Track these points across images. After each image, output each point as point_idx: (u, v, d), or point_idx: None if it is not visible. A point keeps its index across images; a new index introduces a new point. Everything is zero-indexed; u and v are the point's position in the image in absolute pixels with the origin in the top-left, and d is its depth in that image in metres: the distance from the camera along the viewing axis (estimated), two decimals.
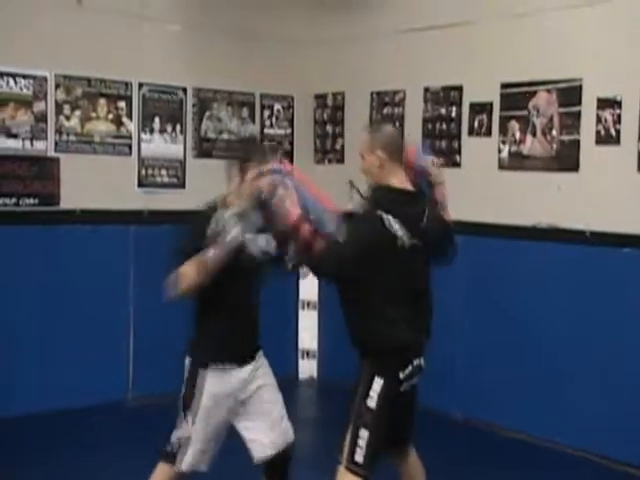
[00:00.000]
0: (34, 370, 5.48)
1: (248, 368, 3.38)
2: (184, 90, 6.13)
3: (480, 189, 5.57)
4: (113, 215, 5.78)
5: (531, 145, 5.31)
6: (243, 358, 3.37)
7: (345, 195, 3.56)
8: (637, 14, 4.81)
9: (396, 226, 3.12)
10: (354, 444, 3.13)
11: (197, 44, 6.16)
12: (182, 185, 6.14)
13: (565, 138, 5.14)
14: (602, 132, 4.95)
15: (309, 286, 6.49)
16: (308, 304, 6.63)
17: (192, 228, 3.30)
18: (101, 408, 5.56)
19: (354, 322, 3.25)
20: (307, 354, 6.61)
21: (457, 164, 5.73)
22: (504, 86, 5.45)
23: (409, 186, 3.29)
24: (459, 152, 5.73)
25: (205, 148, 6.26)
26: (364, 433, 3.13)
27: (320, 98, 6.71)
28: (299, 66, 6.59)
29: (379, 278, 3.14)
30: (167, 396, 5.72)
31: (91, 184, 5.69)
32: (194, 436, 3.34)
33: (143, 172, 5.96)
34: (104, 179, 5.75)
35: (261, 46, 6.40)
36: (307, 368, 6.61)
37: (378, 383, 3.15)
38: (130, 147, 5.89)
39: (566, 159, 5.13)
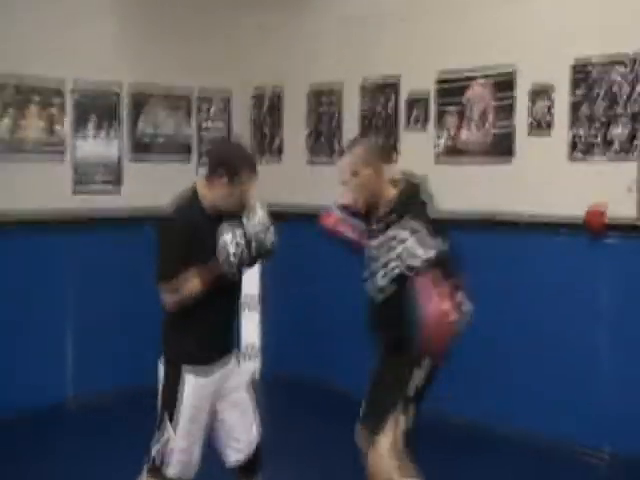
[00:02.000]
0: None
1: (227, 367, 3.34)
2: (119, 87, 6.03)
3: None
4: (48, 219, 5.67)
5: (466, 136, 5.36)
6: (223, 357, 3.32)
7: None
8: (567, 3, 4.89)
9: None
10: (395, 432, 3.22)
11: (132, 40, 6.06)
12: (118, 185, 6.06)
13: (499, 129, 5.20)
14: (533, 122, 5.02)
15: (249, 282, 6.43)
16: (248, 302, 6.55)
17: (178, 231, 3.15)
18: (42, 409, 5.47)
19: (399, 316, 3.16)
20: (250, 350, 6.57)
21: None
22: (439, 82, 5.46)
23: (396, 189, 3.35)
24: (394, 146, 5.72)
25: (142, 148, 6.17)
26: (403, 419, 3.23)
27: (257, 96, 6.64)
28: (237, 59, 6.49)
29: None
30: (107, 394, 5.72)
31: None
32: (179, 442, 3.22)
33: (77, 175, 5.84)
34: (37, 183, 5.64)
35: (196, 41, 6.31)
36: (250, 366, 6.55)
37: (419, 375, 3.24)
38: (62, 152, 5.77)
39: (500, 148, 5.19)
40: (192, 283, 3.14)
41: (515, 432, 5.06)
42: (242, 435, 3.38)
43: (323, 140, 6.22)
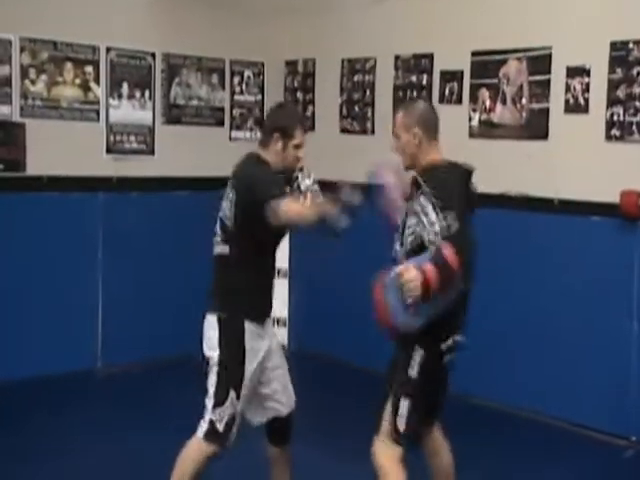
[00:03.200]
0: (1, 338, 5.42)
1: (269, 326, 3.41)
2: (153, 55, 6.05)
3: (451, 157, 5.56)
4: (81, 182, 5.72)
5: (501, 113, 5.32)
6: (268, 316, 3.39)
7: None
8: None
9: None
10: (395, 414, 3.13)
11: (166, 9, 6.08)
12: (151, 152, 6.08)
13: (535, 106, 5.16)
14: (571, 101, 4.97)
15: (280, 254, 6.46)
16: (279, 272, 6.61)
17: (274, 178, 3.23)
18: (70, 376, 5.52)
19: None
20: (278, 322, 6.61)
21: None
22: (475, 54, 5.44)
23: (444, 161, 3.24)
24: None
25: (174, 114, 6.20)
26: (405, 402, 3.12)
27: (291, 65, 6.65)
28: (270, 32, 6.52)
29: None
30: (137, 364, 5.79)
31: (58, 150, 5.61)
32: (238, 409, 3.23)
33: (112, 138, 5.89)
34: (71, 145, 5.68)
35: (231, 12, 6.33)
36: (278, 336, 6.61)
37: (419, 353, 3.12)
38: (98, 113, 5.82)
39: (536, 127, 5.14)
40: (319, 207, 3.12)
41: (539, 416, 5.07)
42: (283, 396, 3.42)
43: (357, 110, 6.20)
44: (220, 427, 3.22)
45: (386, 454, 3.15)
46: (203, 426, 3.26)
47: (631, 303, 4.74)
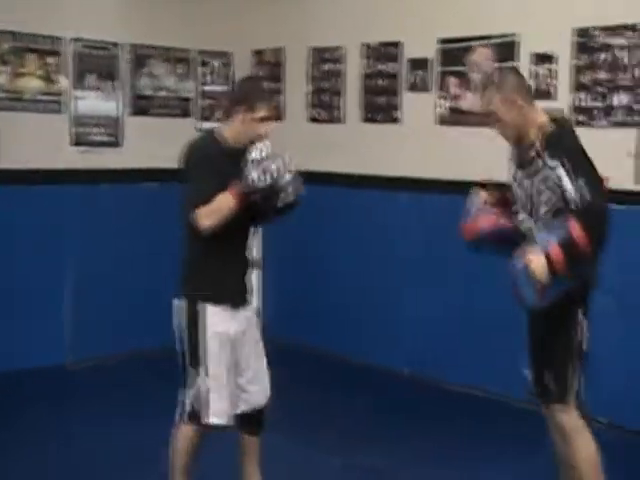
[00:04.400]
0: None
1: (243, 313, 3.38)
2: (119, 46, 5.99)
3: (419, 145, 5.60)
4: (46, 174, 5.66)
5: (469, 100, 5.33)
6: (239, 302, 3.36)
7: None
8: None
9: None
10: (575, 381, 3.20)
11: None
12: (118, 143, 6.03)
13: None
14: (537, 87, 4.99)
15: (252, 245, 6.46)
16: (252, 264, 6.58)
17: (207, 161, 3.24)
18: (39, 371, 5.47)
19: None
20: None
21: (397, 120, 5.74)
22: (442, 42, 5.45)
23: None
24: (399, 108, 5.73)
25: (141, 105, 6.15)
26: (575, 363, 3.20)
27: (259, 54, 6.63)
28: (238, 22, 6.48)
29: None
30: (107, 358, 5.76)
31: (22, 142, 5.55)
32: (214, 386, 3.24)
33: (77, 130, 5.83)
34: (36, 138, 5.61)
35: (199, 2, 6.28)
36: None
37: (581, 317, 3.19)
38: (63, 104, 5.75)
39: None
40: (223, 196, 3.13)
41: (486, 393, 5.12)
42: (257, 387, 3.42)
43: (326, 99, 6.19)
44: (196, 405, 3.26)
45: (574, 417, 3.20)
46: (179, 410, 3.32)
47: (603, 282, 4.77)
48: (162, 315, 5.95)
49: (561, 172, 3.02)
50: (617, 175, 4.63)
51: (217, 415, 3.27)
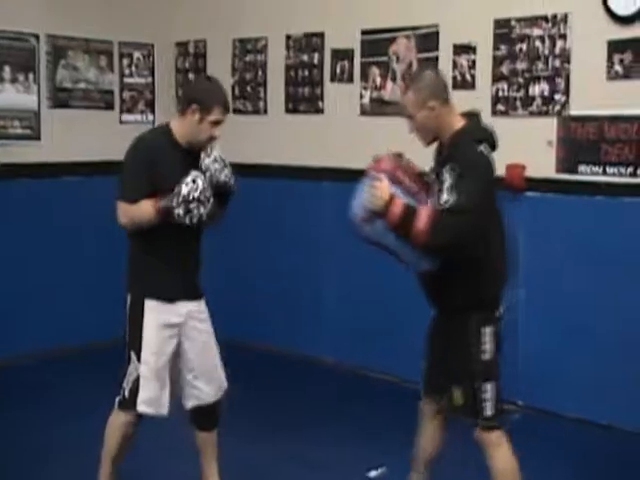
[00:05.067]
0: None
1: (186, 306, 3.36)
2: (37, 37, 5.85)
3: (343, 135, 5.62)
4: None
5: (392, 91, 5.38)
6: (179, 296, 3.34)
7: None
8: None
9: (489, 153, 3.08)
10: (481, 401, 3.08)
11: None
12: (37, 137, 5.89)
13: None
14: (458, 77, 5.07)
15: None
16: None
17: (140, 154, 3.26)
18: None
19: (459, 278, 3.08)
20: None
21: (320, 110, 5.75)
22: (364, 33, 5.48)
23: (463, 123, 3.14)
24: (322, 98, 5.75)
25: (61, 98, 6.02)
26: (488, 386, 3.09)
27: (181, 46, 6.55)
28: (159, 13, 6.41)
29: (490, 222, 3.09)
30: (26, 357, 5.63)
31: None
32: (144, 372, 3.26)
33: None
34: None
35: None
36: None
37: (488, 333, 3.09)
38: None
39: None
40: (146, 205, 3.18)
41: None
42: (205, 383, 3.42)
43: (249, 90, 6.17)
44: (126, 393, 3.30)
45: (491, 437, 3.12)
46: (118, 396, 3.35)
47: (517, 271, 4.90)
48: (83, 310, 5.95)
49: (445, 185, 3.01)
50: (538, 164, 4.76)
51: (145, 403, 3.29)
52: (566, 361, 4.74)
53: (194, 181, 3.15)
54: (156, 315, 3.29)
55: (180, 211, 3.13)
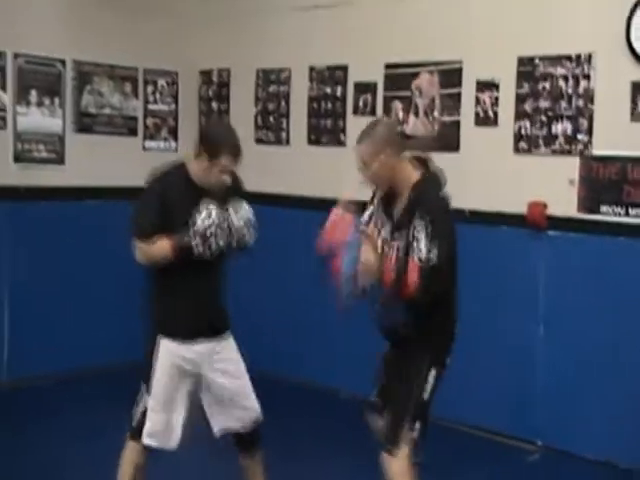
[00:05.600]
0: None
1: (205, 344, 3.38)
2: (63, 62, 5.92)
3: None
4: None
5: (414, 125, 5.40)
6: (196, 335, 3.36)
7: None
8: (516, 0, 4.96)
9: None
10: (408, 437, 3.16)
11: (78, 15, 5.96)
12: (61, 161, 5.94)
13: (446, 119, 5.26)
14: (481, 114, 5.09)
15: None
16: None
17: (155, 191, 3.31)
18: None
19: (422, 318, 3.17)
20: None
21: (342, 143, 5.78)
22: (388, 66, 5.52)
23: (418, 175, 3.20)
24: (344, 131, 5.78)
25: (85, 123, 6.08)
26: (418, 425, 3.17)
27: (205, 74, 6.62)
28: (184, 41, 6.47)
29: (452, 269, 3.20)
30: (44, 378, 5.64)
31: None
32: (152, 406, 3.32)
33: (19, 146, 5.73)
34: None
35: (145, 20, 6.24)
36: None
37: (432, 375, 3.19)
38: (5, 120, 5.65)
39: (447, 139, 5.24)
40: (162, 244, 3.21)
41: (446, 421, 5.15)
42: (245, 402, 3.47)
43: (272, 120, 6.21)
44: (134, 423, 3.38)
45: (403, 470, 3.18)
46: (130, 427, 3.41)
47: (537, 308, 4.88)
48: (101, 334, 5.97)
49: (421, 234, 3.06)
50: (560, 202, 4.76)
51: (150, 436, 3.34)
52: (586, 401, 4.70)
53: (209, 214, 3.19)
54: (169, 353, 3.33)
55: (198, 245, 3.17)
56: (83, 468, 4.31)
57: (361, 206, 3.35)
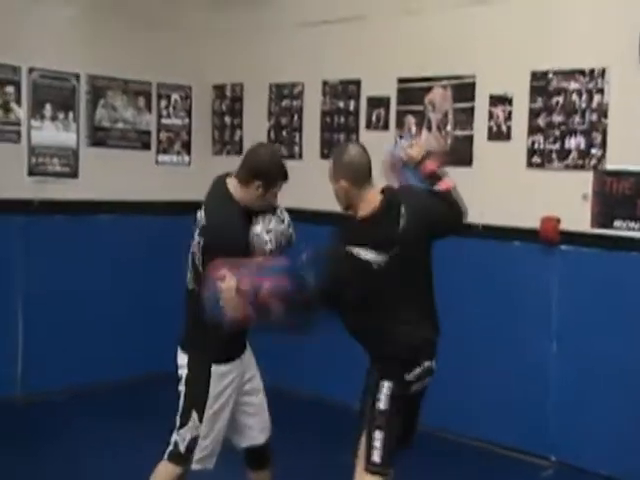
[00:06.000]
0: None
1: (243, 359, 3.46)
2: (77, 77, 5.96)
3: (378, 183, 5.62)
4: (0, 204, 5.57)
5: (427, 139, 5.40)
6: (240, 353, 3.45)
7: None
8: (529, 14, 4.95)
9: (368, 255, 3.12)
10: (370, 446, 3.21)
11: (92, 30, 6.00)
12: (75, 174, 5.97)
13: (459, 133, 5.26)
14: (494, 128, 5.08)
15: None
16: None
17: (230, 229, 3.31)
18: None
19: (359, 335, 3.29)
20: None
21: None
22: (401, 81, 5.52)
23: (378, 200, 3.22)
24: None
25: (99, 137, 6.11)
26: (378, 435, 3.20)
27: (218, 89, 6.65)
28: (197, 56, 6.51)
29: (370, 300, 3.18)
30: (57, 391, 5.65)
31: None
32: (204, 434, 3.35)
33: (33, 160, 5.76)
34: None
35: (158, 35, 6.28)
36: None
37: (386, 386, 3.21)
38: (19, 134, 5.69)
39: (460, 154, 5.23)
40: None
41: (461, 437, 5.12)
42: (262, 419, 3.54)
43: (285, 134, 6.22)
44: (182, 448, 3.35)
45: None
46: (169, 447, 3.39)
47: (550, 324, 4.86)
48: (115, 348, 5.97)
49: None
50: (573, 217, 4.74)
51: (199, 462, 3.38)
52: (599, 416, 4.67)
53: (269, 239, 3.28)
54: (220, 379, 3.35)
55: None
56: None
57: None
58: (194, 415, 3.33)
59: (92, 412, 5.44)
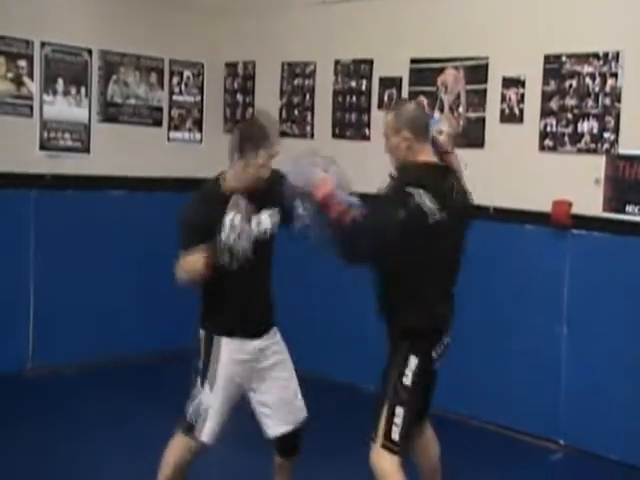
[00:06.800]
0: None
1: (261, 342, 3.41)
2: (89, 52, 5.96)
3: (388, 162, 5.61)
4: (13, 178, 5.59)
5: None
6: (255, 332, 3.41)
7: None
8: None
9: (427, 201, 3.04)
10: (390, 423, 3.14)
11: (105, 5, 5.99)
12: (87, 150, 5.98)
13: (471, 115, 5.24)
14: (506, 110, 5.06)
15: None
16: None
17: (197, 212, 3.33)
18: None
19: (390, 302, 3.24)
20: None
21: (366, 137, 5.78)
22: (413, 61, 5.50)
23: (436, 160, 3.22)
24: (368, 125, 5.77)
25: (111, 113, 6.12)
26: (400, 411, 3.15)
27: (231, 66, 6.63)
28: (210, 33, 6.50)
29: (413, 257, 3.10)
30: (68, 366, 5.70)
31: None
32: (214, 405, 3.35)
33: (45, 135, 5.77)
34: (3, 141, 5.55)
35: (173, 11, 6.28)
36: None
37: (413, 362, 3.17)
38: (32, 108, 5.70)
39: (472, 136, 5.22)
40: (195, 263, 3.21)
41: (471, 419, 5.15)
42: (289, 406, 3.47)
43: (297, 113, 6.21)
44: (194, 420, 3.35)
45: (386, 460, 3.16)
46: (183, 421, 3.39)
47: (561, 308, 4.86)
48: (125, 323, 6.00)
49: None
50: (585, 201, 4.73)
51: (208, 435, 3.37)
52: (609, 401, 4.68)
53: (231, 225, 3.18)
54: (229, 351, 3.35)
55: (225, 259, 3.20)
56: (109, 456, 4.35)
57: None
58: (206, 386, 3.35)
59: (103, 387, 5.49)
